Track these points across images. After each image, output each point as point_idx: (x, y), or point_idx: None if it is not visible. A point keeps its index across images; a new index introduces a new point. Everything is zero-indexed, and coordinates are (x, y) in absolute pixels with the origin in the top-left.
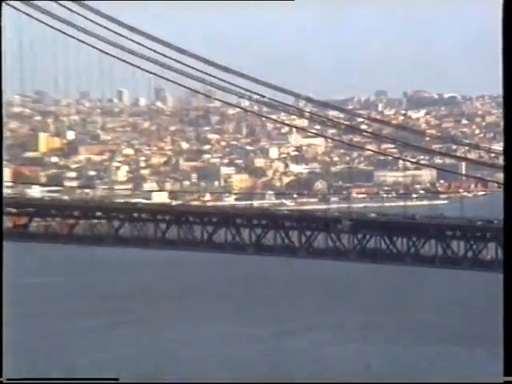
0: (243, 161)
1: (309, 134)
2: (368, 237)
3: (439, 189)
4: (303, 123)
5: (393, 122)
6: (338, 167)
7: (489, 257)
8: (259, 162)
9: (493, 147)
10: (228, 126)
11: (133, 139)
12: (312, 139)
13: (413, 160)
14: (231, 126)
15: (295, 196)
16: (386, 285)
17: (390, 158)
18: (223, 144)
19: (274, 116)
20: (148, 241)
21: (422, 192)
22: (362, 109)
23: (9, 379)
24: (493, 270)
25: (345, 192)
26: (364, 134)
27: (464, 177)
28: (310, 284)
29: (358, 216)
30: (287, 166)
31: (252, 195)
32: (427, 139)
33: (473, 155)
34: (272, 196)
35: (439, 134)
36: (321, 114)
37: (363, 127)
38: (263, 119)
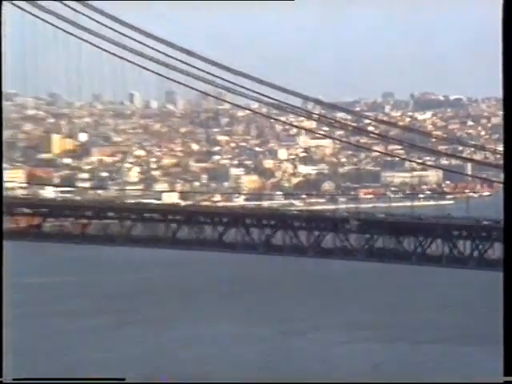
0: (252, 162)
1: (317, 136)
2: (375, 236)
3: (445, 189)
4: (311, 125)
5: (399, 124)
6: (346, 168)
7: (495, 256)
8: (268, 163)
9: (498, 148)
10: (237, 128)
11: (144, 141)
12: (320, 140)
13: (419, 161)
14: (240, 128)
15: (304, 196)
16: (394, 284)
17: (397, 159)
18: (233, 145)
19: (283, 118)
20: (159, 240)
21: (429, 192)
22: (369, 110)
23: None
24: (498, 270)
25: (352, 192)
26: (371, 136)
27: (470, 177)
28: (319, 283)
29: (366, 216)
30: (296, 167)
31: (261, 196)
32: (433, 140)
33: (478, 156)
34: (281, 196)
35: (445, 136)
36: (329, 116)
37: (370, 129)
38: (272, 121)
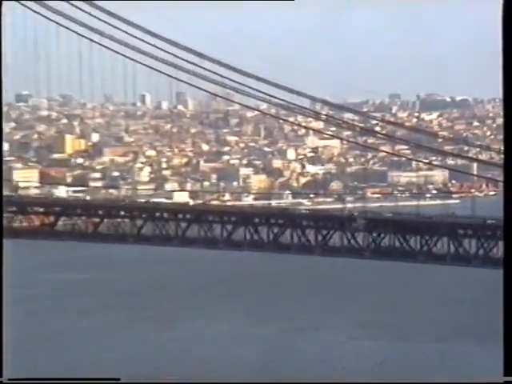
0: (261, 162)
1: (325, 136)
2: (382, 235)
3: (451, 189)
4: (319, 125)
5: (406, 124)
6: (353, 168)
7: (499, 254)
8: (277, 163)
9: (503, 148)
10: (247, 128)
11: (155, 141)
12: (328, 141)
13: (426, 161)
14: (250, 128)
15: (312, 196)
16: (400, 281)
17: (404, 159)
18: (242, 145)
19: (292, 118)
20: (169, 239)
21: (435, 192)
22: (377, 111)
23: (10, 379)
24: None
25: (360, 192)
26: (378, 136)
27: (475, 177)
28: (325, 281)
29: (373, 215)
30: (304, 167)
31: (270, 195)
32: (440, 141)
33: (484, 156)
34: (289, 196)
35: (451, 136)
36: (336, 117)
37: (377, 129)
38: (281, 121)
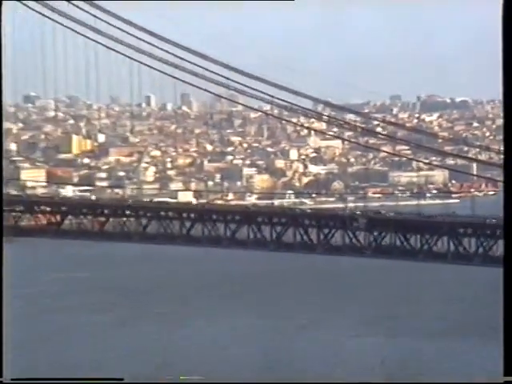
0: (264, 162)
1: (327, 137)
2: (383, 234)
3: (451, 188)
4: (321, 126)
5: (407, 125)
6: (355, 168)
7: (499, 253)
8: (279, 163)
9: (502, 149)
10: (250, 129)
11: (160, 141)
12: (330, 141)
13: (426, 161)
14: (253, 129)
15: (314, 195)
16: (401, 280)
17: (404, 159)
18: (245, 146)
19: (294, 119)
20: (174, 238)
21: (435, 191)
22: (378, 112)
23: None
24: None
25: (361, 191)
26: (379, 137)
27: (475, 177)
28: (327, 279)
29: (374, 214)
30: (306, 167)
31: (273, 195)
32: (440, 141)
33: (483, 156)
34: (292, 195)
35: (451, 137)
36: (338, 118)
37: (379, 130)
38: (283, 122)
